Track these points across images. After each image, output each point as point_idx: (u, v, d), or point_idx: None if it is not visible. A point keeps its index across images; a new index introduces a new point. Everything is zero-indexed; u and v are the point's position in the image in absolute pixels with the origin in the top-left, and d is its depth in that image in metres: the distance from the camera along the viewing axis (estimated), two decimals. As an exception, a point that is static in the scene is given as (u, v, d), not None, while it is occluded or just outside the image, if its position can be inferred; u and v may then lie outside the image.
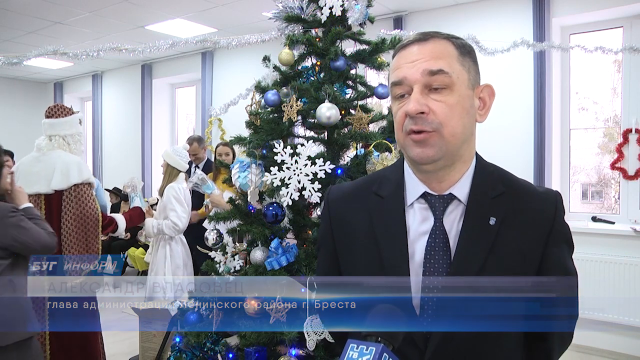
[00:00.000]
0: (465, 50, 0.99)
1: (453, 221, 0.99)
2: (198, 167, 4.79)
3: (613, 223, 4.23)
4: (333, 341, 1.78)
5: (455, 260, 0.96)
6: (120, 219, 3.36)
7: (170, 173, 3.63)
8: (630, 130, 4.20)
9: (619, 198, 4.45)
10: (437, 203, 1.00)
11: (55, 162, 3.07)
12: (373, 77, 4.27)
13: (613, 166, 4.29)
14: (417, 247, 0.99)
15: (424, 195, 1.01)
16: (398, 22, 5.02)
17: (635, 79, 4.22)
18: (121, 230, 3.44)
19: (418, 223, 1.00)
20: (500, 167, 1.07)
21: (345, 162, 2.10)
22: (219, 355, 2.02)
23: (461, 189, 1.00)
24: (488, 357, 0.98)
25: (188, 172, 3.98)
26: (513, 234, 0.98)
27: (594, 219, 4.38)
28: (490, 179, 1.02)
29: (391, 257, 0.99)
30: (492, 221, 0.97)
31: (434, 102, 0.93)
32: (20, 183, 2.92)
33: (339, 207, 1.11)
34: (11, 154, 4.51)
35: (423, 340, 0.96)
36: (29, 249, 2.32)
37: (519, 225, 0.98)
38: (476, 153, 1.05)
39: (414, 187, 1.02)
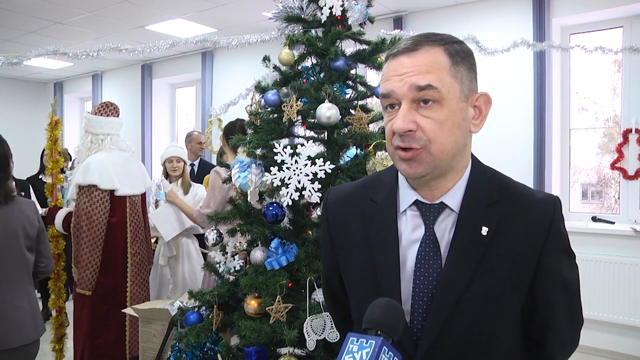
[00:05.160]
0: (460, 58, 0.93)
1: (444, 230, 0.98)
2: (194, 164, 4.82)
3: (613, 223, 4.23)
4: (334, 341, 1.78)
5: (444, 269, 0.95)
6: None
7: (187, 170, 3.81)
8: (630, 130, 4.20)
9: (619, 198, 4.45)
10: (428, 212, 0.98)
11: (139, 163, 3.44)
12: (373, 77, 4.27)
13: (613, 166, 4.29)
14: (409, 255, 0.98)
15: (416, 203, 1.00)
16: (398, 22, 5.02)
17: (635, 79, 4.22)
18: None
19: (410, 231, 1.00)
20: (498, 172, 1.04)
21: (345, 162, 2.10)
22: (219, 355, 2.02)
23: (453, 197, 0.98)
24: None
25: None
26: (506, 243, 0.96)
27: (594, 219, 4.38)
28: (485, 187, 0.99)
29: (383, 263, 0.99)
30: (484, 231, 0.95)
31: (422, 119, 0.91)
32: (130, 184, 3.15)
33: (337, 209, 1.12)
34: None
35: (413, 347, 0.95)
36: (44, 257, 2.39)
37: (513, 234, 0.96)
38: (474, 158, 1.03)
39: (406, 194, 1.01)
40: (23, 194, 4.51)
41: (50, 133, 3.30)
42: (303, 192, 1.85)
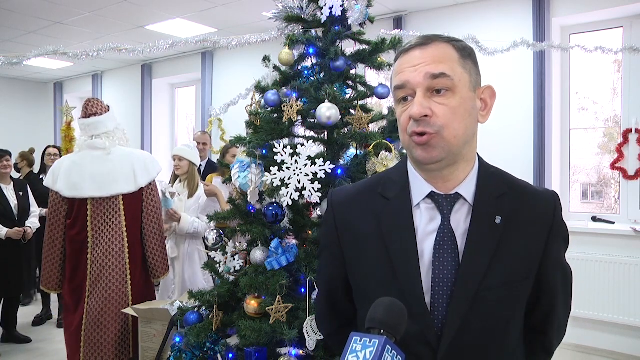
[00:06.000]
0: (466, 53, 1.01)
1: (459, 220, 1.01)
2: (200, 165, 4.82)
3: (613, 223, 4.23)
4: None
5: (464, 259, 0.98)
6: None
7: (195, 172, 3.68)
8: (630, 130, 4.20)
9: (619, 198, 4.45)
10: (445, 202, 1.01)
11: (129, 159, 3.01)
12: (373, 77, 4.27)
13: (613, 166, 4.29)
14: (426, 246, 1.00)
15: (431, 195, 1.02)
16: (398, 22, 5.02)
17: (635, 79, 4.22)
18: None
19: (425, 223, 1.02)
20: (499, 169, 1.09)
21: (345, 162, 2.10)
22: (219, 355, 2.02)
23: (467, 188, 1.02)
24: (497, 352, 1.00)
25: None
26: (517, 232, 1.00)
27: (594, 219, 4.38)
28: (493, 180, 1.04)
29: (402, 257, 1.00)
30: (498, 220, 1.00)
31: (436, 105, 0.95)
32: (89, 186, 2.91)
33: (344, 210, 1.12)
34: (9, 154, 4.53)
35: (436, 338, 0.97)
36: None
37: (522, 223, 1.01)
38: (477, 154, 1.07)
39: (419, 187, 1.04)
40: (21, 193, 4.51)
41: (65, 132, 3.24)
42: (303, 192, 1.85)
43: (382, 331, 0.80)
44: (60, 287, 3.02)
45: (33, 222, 4.47)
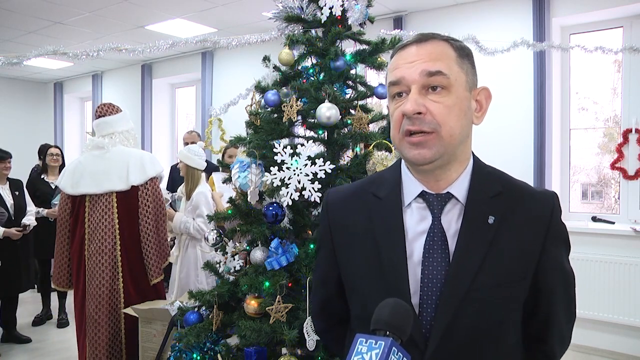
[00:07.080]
0: (464, 53, 0.99)
1: (451, 220, 0.99)
2: None
3: (613, 223, 4.23)
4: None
5: (453, 259, 0.96)
6: None
7: (193, 175, 3.66)
8: (630, 130, 4.20)
9: (619, 198, 4.45)
10: (435, 202, 1.00)
11: (125, 158, 3.04)
12: (373, 77, 4.27)
13: (613, 166, 4.29)
14: (416, 247, 0.99)
15: (422, 195, 1.01)
16: (398, 22, 5.02)
17: (635, 79, 4.22)
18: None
19: (416, 222, 1.00)
20: (497, 169, 1.07)
21: (345, 162, 2.10)
22: (219, 355, 2.01)
23: (459, 188, 1.00)
24: (491, 355, 0.98)
25: (207, 171, 3.94)
26: (511, 233, 0.98)
27: (594, 219, 4.38)
28: (488, 180, 1.02)
29: (390, 256, 0.99)
30: (491, 220, 0.97)
31: (431, 103, 0.94)
32: (87, 183, 3.00)
33: (338, 210, 1.12)
34: (10, 155, 4.52)
35: (423, 339, 0.95)
36: None
37: (517, 224, 0.99)
38: (473, 154, 1.05)
39: (411, 186, 1.02)
40: (17, 193, 4.51)
41: None
42: (303, 192, 1.85)
43: (387, 332, 0.79)
44: (71, 284, 3.11)
45: (30, 219, 4.47)
